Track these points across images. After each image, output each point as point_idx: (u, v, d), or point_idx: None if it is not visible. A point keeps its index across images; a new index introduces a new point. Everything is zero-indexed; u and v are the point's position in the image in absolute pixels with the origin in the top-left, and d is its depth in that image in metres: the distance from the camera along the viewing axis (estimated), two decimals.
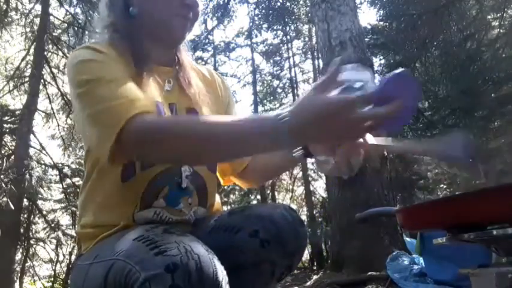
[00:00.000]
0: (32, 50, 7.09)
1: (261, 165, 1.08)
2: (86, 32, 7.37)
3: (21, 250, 8.02)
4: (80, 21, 7.55)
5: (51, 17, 7.30)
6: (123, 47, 0.88)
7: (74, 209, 7.38)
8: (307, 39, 12.81)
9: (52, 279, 9.28)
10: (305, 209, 11.10)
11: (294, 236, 0.91)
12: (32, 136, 6.57)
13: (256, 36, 12.32)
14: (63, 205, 8.16)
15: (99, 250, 0.80)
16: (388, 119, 0.61)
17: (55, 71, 7.39)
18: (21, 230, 7.19)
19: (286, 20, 11.85)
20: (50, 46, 7.39)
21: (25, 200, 6.62)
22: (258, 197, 11.91)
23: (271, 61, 13.04)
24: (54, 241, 7.90)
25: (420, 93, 0.72)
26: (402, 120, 0.67)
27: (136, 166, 0.85)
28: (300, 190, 12.37)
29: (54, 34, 7.37)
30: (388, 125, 0.65)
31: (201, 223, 0.96)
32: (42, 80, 6.93)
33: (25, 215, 7.68)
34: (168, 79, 0.95)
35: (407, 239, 3.28)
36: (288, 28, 12.40)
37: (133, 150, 0.74)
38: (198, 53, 10.98)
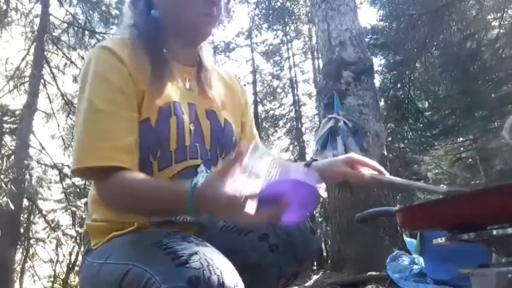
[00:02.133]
0: (32, 50, 7.08)
1: None
2: (86, 32, 7.37)
3: (21, 250, 8.02)
4: (80, 21, 7.54)
5: (51, 17, 7.29)
6: (142, 48, 0.88)
7: (74, 209, 7.39)
8: (307, 39, 12.83)
9: (52, 279, 9.28)
10: None
11: (304, 243, 0.91)
12: (32, 136, 6.56)
13: (256, 36, 12.34)
14: (63, 205, 8.15)
15: (111, 250, 0.79)
16: (270, 219, 0.65)
17: (55, 71, 7.39)
18: (21, 230, 7.18)
19: (286, 20, 11.86)
20: (50, 46, 7.38)
21: (25, 200, 6.62)
22: None
23: (271, 61, 13.05)
24: (54, 241, 7.89)
25: (315, 202, 0.70)
26: (291, 218, 0.69)
27: (154, 167, 0.85)
28: None
29: (54, 34, 7.36)
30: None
31: (209, 224, 0.95)
32: (42, 80, 6.92)
33: (25, 215, 7.69)
34: (189, 79, 0.95)
35: (407, 239, 3.27)
36: (288, 28, 12.41)
37: (97, 189, 0.84)
38: None
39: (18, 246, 7.07)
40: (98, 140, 0.78)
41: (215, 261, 0.65)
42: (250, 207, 0.62)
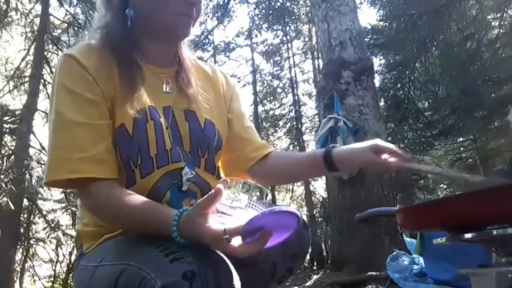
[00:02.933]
0: (32, 50, 7.08)
1: (282, 166, 1.03)
2: (86, 32, 7.36)
3: (21, 250, 8.00)
4: (80, 21, 7.53)
5: (51, 17, 7.29)
6: (110, 53, 0.86)
7: (74, 209, 7.37)
8: (307, 39, 12.82)
9: (52, 279, 9.26)
10: (305, 209, 11.10)
11: (298, 238, 0.90)
12: (32, 136, 6.56)
13: (256, 36, 12.34)
14: (63, 205, 8.14)
15: (104, 252, 0.78)
16: (251, 253, 0.63)
17: None
18: (21, 230, 7.17)
19: (286, 20, 11.85)
20: (50, 46, 7.37)
21: (25, 200, 6.61)
22: None
23: (271, 61, 13.05)
24: (54, 241, 7.88)
25: (297, 224, 0.66)
26: (275, 242, 0.68)
27: (136, 174, 0.84)
28: (300, 190, 12.37)
29: (54, 34, 7.35)
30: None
31: None
32: (42, 80, 6.91)
33: (25, 215, 7.66)
34: (167, 80, 0.92)
35: (407, 239, 3.28)
36: (288, 28, 12.40)
37: (79, 198, 0.85)
38: (198, 53, 10.99)
39: (18, 246, 7.07)
40: (65, 152, 0.78)
41: (210, 256, 0.65)
42: (235, 242, 0.63)
